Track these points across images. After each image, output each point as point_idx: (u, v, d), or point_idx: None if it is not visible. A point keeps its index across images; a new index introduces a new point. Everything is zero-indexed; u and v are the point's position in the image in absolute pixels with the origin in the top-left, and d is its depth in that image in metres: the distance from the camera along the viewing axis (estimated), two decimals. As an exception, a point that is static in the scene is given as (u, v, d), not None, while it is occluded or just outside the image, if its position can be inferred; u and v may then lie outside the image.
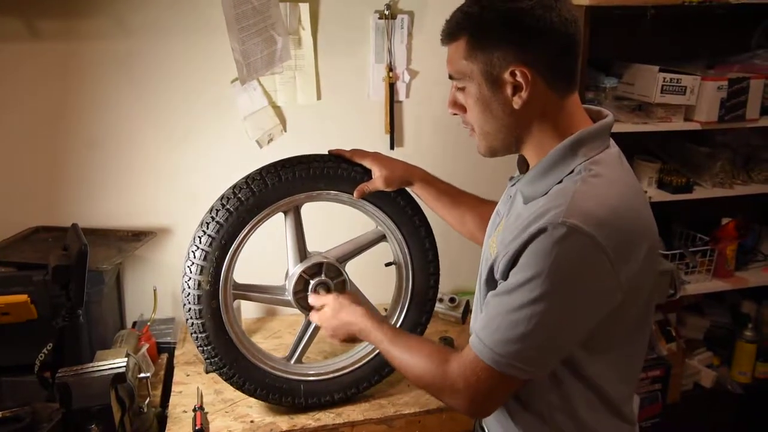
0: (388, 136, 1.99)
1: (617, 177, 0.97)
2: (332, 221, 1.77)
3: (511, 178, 1.13)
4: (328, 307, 1.31)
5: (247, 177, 1.38)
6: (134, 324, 1.87)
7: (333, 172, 1.40)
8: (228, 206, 1.36)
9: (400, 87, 1.97)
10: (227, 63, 1.79)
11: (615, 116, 1.98)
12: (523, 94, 0.96)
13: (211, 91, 1.84)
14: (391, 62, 1.93)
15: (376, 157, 1.41)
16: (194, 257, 1.38)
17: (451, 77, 1.04)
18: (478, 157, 1.10)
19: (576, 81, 1.01)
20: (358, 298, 1.32)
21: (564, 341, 0.95)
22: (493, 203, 1.35)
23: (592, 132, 0.99)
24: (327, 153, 1.44)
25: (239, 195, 1.36)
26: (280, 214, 1.44)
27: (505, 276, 0.96)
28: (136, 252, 1.79)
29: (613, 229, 0.89)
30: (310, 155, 1.41)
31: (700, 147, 2.20)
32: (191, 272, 1.38)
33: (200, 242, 1.37)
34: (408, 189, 1.45)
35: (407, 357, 1.10)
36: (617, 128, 1.95)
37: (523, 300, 0.91)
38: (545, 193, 0.97)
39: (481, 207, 1.39)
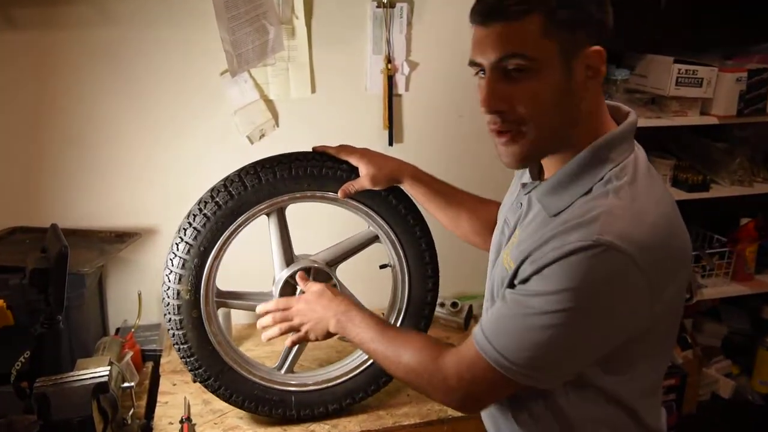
0: (386, 132, 1.98)
1: (651, 188, 0.93)
2: (321, 222, 1.77)
3: (524, 185, 1.06)
4: (301, 301, 1.30)
5: (225, 179, 1.37)
6: (117, 330, 1.86)
7: (317, 171, 1.39)
8: (206, 211, 1.36)
9: (400, 79, 1.96)
10: (216, 54, 1.78)
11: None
12: (600, 77, 0.91)
13: (199, 83, 1.83)
14: (389, 53, 1.93)
15: (364, 153, 1.39)
16: (172, 265, 1.37)
17: (500, 61, 0.90)
18: (482, 154, 1.10)
19: None
20: (336, 292, 1.29)
21: (580, 359, 0.94)
22: (492, 203, 1.34)
23: (619, 135, 0.95)
24: (311, 150, 1.43)
25: (217, 199, 1.36)
26: (264, 217, 1.43)
27: (526, 281, 0.93)
28: (119, 254, 1.79)
29: (654, 250, 0.86)
30: (291, 153, 1.40)
31: (717, 143, 2.21)
32: (170, 281, 1.38)
33: (178, 249, 1.37)
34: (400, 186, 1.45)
35: (394, 349, 1.08)
36: (629, 123, 1.97)
37: (544, 308, 0.88)
38: (570, 204, 0.94)
39: (478, 208, 1.39)
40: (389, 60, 1.93)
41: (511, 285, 0.98)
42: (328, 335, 1.27)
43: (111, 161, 1.84)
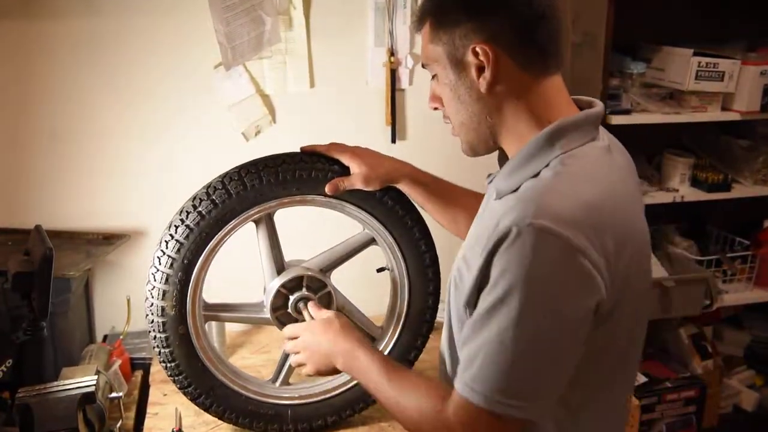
0: (389, 128, 1.98)
1: (595, 172, 0.96)
2: (313, 225, 1.76)
3: (489, 176, 1.12)
4: (305, 331, 1.28)
5: (207, 186, 1.35)
6: (105, 338, 1.87)
7: (307, 174, 1.36)
8: (188, 222, 1.34)
9: (403, 73, 1.96)
10: (210, 46, 1.78)
11: (643, 106, 1.99)
12: (487, 74, 0.97)
13: (191, 77, 1.83)
14: (392, 46, 1.93)
15: (356, 152, 1.37)
16: (155, 281, 1.36)
17: (423, 67, 1.07)
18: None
19: (557, 61, 1.01)
20: (342, 318, 1.27)
21: (561, 362, 0.93)
22: None
23: (572, 122, 0.99)
24: (298, 151, 1.40)
25: (199, 208, 1.34)
26: (251, 224, 1.43)
27: (475, 300, 0.94)
28: (107, 257, 1.79)
29: (588, 225, 0.89)
30: (278, 156, 1.38)
31: (739, 140, 2.20)
32: (153, 296, 1.36)
33: (160, 263, 1.35)
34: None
35: (397, 398, 1.07)
36: (645, 119, 1.97)
37: (502, 323, 0.89)
38: (517, 188, 0.97)
39: (476, 206, 1.39)
40: (392, 53, 1.93)
41: (457, 291, 1.02)
42: (335, 371, 1.25)
43: (98, 159, 1.84)
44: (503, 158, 1.08)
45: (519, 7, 0.96)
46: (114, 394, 1.48)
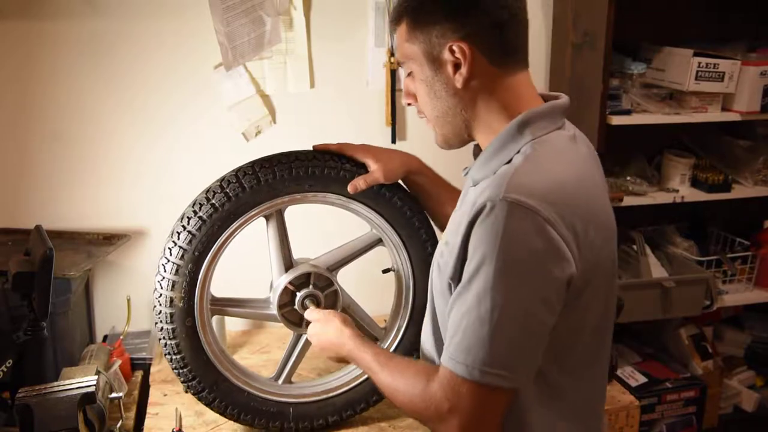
0: (389, 129, 1.99)
1: (564, 154, 1.03)
2: (321, 224, 1.77)
3: (465, 169, 1.17)
4: (317, 322, 1.33)
5: (222, 180, 1.37)
6: (105, 338, 1.87)
7: (319, 171, 1.38)
8: (200, 213, 1.35)
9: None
10: (210, 46, 1.79)
11: (643, 106, 1.99)
12: (463, 70, 1.03)
13: (191, 77, 1.84)
14: (392, 46, 1.93)
15: (368, 149, 1.41)
16: (165, 271, 1.37)
17: (399, 64, 1.08)
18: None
19: (525, 58, 1.08)
20: (346, 319, 1.32)
21: (536, 329, 0.96)
22: None
23: (540, 111, 1.05)
24: (311, 149, 1.42)
25: (213, 201, 1.35)
26: (261, 220, 1.44)
27: (459, 274, 0.99)
28: (107, 257, 1.79)
29: (557, 202, 0.94)
30: (291, 152, 1.40)
31: (739, 140, 2.20)
32: (162, 288, 1.37)
33: (171, 254, 1.36)
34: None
35: (393, 380, 1.10)
36: (645, 120, 1.97)
37: (479, 293, 0.94)
38: (493, 174, 1.03)
39: None
40: (392, 53, 1.93)
41: (441, 276, 1.06)
42: (342, 359, 1.29)
43: (98, 159, 1.84)
44: (478, 151, 1.14)
45: (492, 8, 1.03)
46: (114, 395, 1.48)
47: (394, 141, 1.99)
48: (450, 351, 0.98)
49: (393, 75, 1.94)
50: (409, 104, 1.17)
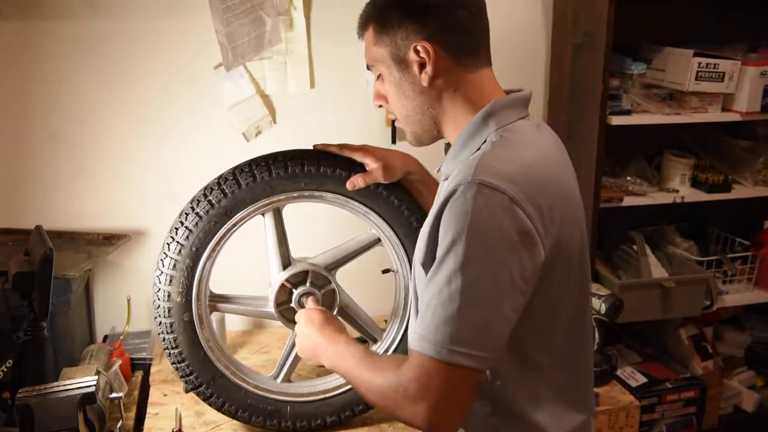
0: (389, 129, 1.99)
1: (530, 139, 1.06)
2: (320, 223, 1.77)
3: (438, 167, 1.19)
4: (299, 323, 1.29)
5: (219, 177, 1.39)
6: (105, 338, 1.87)
7: (315, 170, 1.40)
8: (198, 210, 1.37)
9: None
10: (210, 47, 1.79)
11: (644, 106, 1.99)
12: (428, 69, 1.07)
13: (192, 78, 1.84)
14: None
15: (368, 149, 1.43)
16: (163, 266, 1.39)
17: (368, 68, 1.16)
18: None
19: (487, 55, 1.12)
20: (329, 320, 1.27)
21: (502, 309, 0.97)
22: None
23: (504, 102, 1.08)
24: (309, 148, 1.43)
25: (210, 197, 1.37)
26: (260, 217, 1.44)
27: (430, 258, 1.01)
28: (107, 257, 1.79)
29: (524, 183, 0.97)
30: (288, 151, 1.41)
31: (739, 140, 2.20)
32: (160, 282, 1.39)
33: (169, 250, 1.38)
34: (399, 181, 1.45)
35: (366, 374, 1.08)
36: (645, 120, 1.97)
37: (449, 272, 0.95)
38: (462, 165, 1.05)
39: None
40: (392, 53, 1.93)
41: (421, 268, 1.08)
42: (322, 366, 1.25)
43: (98, 159, 1.84)
44: (448, 148, 1.16)
45: (452, 9, 1.07)
46: (114, 395, 1.48)
47: (394, 141, 1.99)
48: (419, 331, 0.98)
49: (393, 75, 1.94)
50: (380, 106, 1.20)
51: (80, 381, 1.34)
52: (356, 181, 1.40)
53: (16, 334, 1.36)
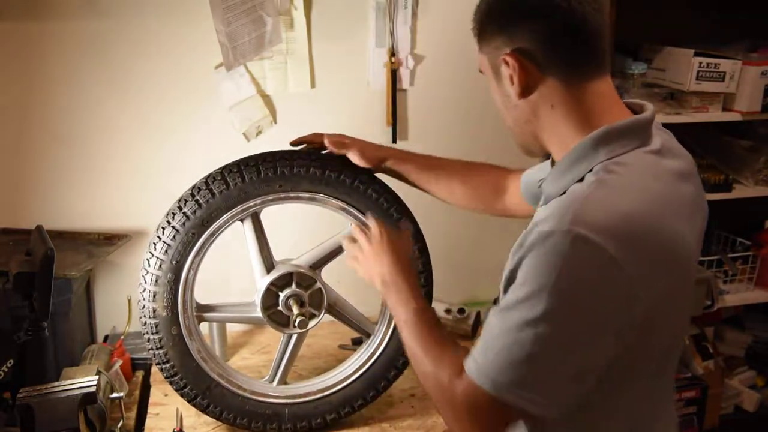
0: (390, 129, 1.98)
1: (638, 181, 0.95)
2: (300, 223, 1.77)
3: (539, 181, 1.14)
4: (376, 242, 1.28)
5: (192, 188, 1.38)
6: (106, 338, 1.87)
7: (288, 171, 1.39)
8: (173, 223, 1.37)
9: (404, 74, 1.96)
10: (211, 46, 1.79)
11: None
12: (516, 82, 1.00)
13: (192, 78, 1.84)
14: (393, 46, 1.93)
15: (341, 136, 1.46)
16: (146, 282, 1.39)
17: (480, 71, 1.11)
18: (491, 152, 1.11)
19: (600, 67, 1.00)
20: (404, 244, 1.30)
21: (579, 368, 0.93)
22: (482, 165, 1.44)
23: (619, 128, 0.98)
24: (282, 149, 1.44)
25: (184, 209, 1.37)
26: (238, 223, 1.44)
27: (506, 290, 0.95)
28: (108, 257, 1.79)
29: (626, 238, 0.88)
30: (259, 154, 1.41)
31: (740, 140, 2.20)
32: (145, 299, 1.39)
33: (149, 265, 1.38)
34: (384, 173, 1.46)
35: (423, 349, 1.09)
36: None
37: (525, 317, 0.90)
38: (563, 192, 0.98)
39: (469, 171, 1.45)
40: (393, 53, 1.93)
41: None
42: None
43: (99, 159, 1.84)
44: (553, 162, 1.09)
45: (553, 14, 0.97)
46: (115, 395, 1.48)
47: (395, 141, 1.99)
48: (480, 364, 0.95)
49: (394, 75, 1.94)
50: None
51: (81, 381, 1.34)
52: (323, 139, 1.44)
53: (16, 334, 1.36)
